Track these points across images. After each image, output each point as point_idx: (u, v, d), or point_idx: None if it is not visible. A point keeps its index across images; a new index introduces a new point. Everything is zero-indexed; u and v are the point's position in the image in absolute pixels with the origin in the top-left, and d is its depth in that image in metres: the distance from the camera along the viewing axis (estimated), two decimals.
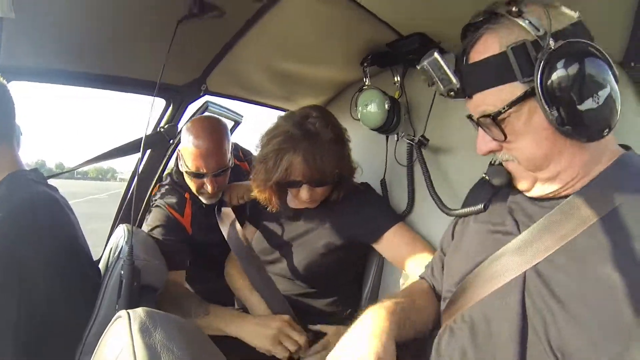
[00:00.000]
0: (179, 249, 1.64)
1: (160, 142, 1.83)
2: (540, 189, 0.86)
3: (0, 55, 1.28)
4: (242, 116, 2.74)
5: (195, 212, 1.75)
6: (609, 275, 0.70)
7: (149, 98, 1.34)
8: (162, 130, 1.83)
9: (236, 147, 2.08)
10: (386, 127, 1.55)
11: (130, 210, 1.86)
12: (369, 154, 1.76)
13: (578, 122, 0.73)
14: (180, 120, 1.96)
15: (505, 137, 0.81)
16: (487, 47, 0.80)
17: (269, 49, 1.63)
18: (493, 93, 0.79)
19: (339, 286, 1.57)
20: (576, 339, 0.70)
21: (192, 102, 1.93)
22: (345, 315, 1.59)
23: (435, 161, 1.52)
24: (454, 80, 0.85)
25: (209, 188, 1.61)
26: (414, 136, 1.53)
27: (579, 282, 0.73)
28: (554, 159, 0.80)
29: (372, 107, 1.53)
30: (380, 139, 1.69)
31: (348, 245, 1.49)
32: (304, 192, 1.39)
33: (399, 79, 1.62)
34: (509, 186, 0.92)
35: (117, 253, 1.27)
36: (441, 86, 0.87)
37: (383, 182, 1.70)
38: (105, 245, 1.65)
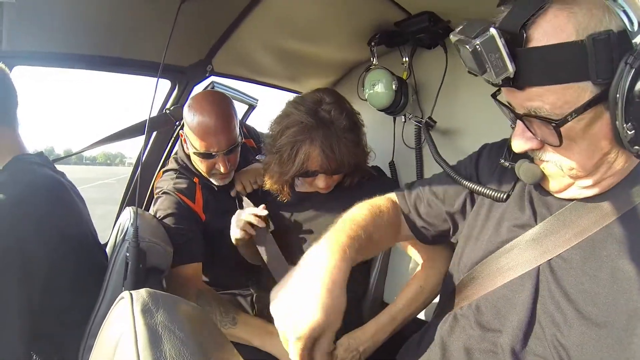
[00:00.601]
0: (192, 239, 1.52)
1: (166, 123, 1.82)
2: (573, 193, 0.77)
3: (3, 40, 1.26)
4: (257, 100, 2.65)
5: (206, 197, 1.64)
6: (626, 271, 0.68)
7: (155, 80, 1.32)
8: (167, 111, 1.82)
9: (240, 124, 2.03)
10: (394, 108, 1.55)
11: (140, 193, 1.87)
12: (377, 136, 1.72)
13: None
14: (186, 101, 1.92)
15: (561, 143, 0.67)
16: (558, 28, 0.61)
17: (274, 28, 1.60)
18: (556, 91, 0.63)
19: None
20: (583, 338, 0.69)
21: (198, 83, 1.90)
22: (352, 300, 1.58)
23: (443, 143, 1.50)
24: (510, 68, 0.62)
25: (221, 168, 1.51)
26: (421, 118, 1.52)
27: (592, 281, 0.70)
28: (601, 169, 0.71)
29: (379, 87, 1.51)
30: (388, 120, 1.68)
31: None
32: (321, 181, 1.35)
33: (407, 59, 1.60)
34: None
35: (122, 235, 1.27)
36: (493, 74, 0.64)
37: (392, 164, 1.69)
38: (113, 228, 1.64)
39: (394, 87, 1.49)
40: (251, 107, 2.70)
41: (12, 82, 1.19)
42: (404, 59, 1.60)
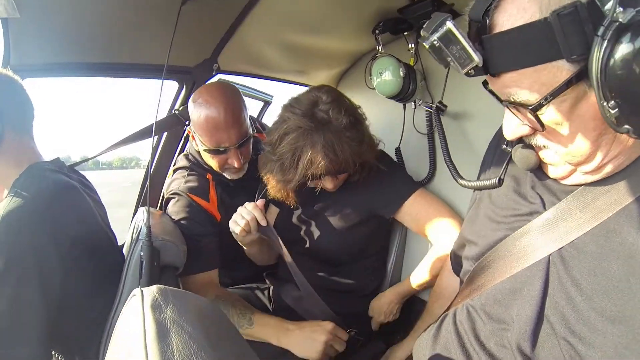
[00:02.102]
0: (206, 245, 1.48)
1: (176, 124, 1.83)
2: (577, 179, 0.73)
3: (11, 54, 1.28)
4: (272, 96, 2.59)
5: (220, 194, 1.59)
6: None
7: (164, 82, 1.31)
8: (176, 112, 1.82)
9: (252, 118, 1.89)
10: (402, 95, 1.51)
11: (153, 194, 1.88)
12: (387, 124, 1.73)
13: None
14: None
15: (543, 128, 0.65)
16: (521, 8, 0.58)
17: (278, 22, 1.59)
18: (529, 74, 0.61)
19: (363, 260, 1.54)
20: (596, 335, 0.65)
21: (205, 82, 1.89)
22: (371, 292, 1.59)
23: (455, 128, 1.49)
24: (475, 58, 0.61)
25: (234, 163, 1.45)
26: (431, 103, 1.49)
27: (606, 272, 0.66)
28: (600, 151, 0.66)
29: (386, 74, 1.48)
30: (398, 107, 1.65)
31: (369, 219, 1.44)
32: (328, 183, 1.33)
33: (413, 45, 1.56)
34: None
35: (137, 235, 1.28)
36: (459, 66, 0.64)
37: (398, 151, 1.68)
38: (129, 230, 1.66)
39: (401, 73, 1.46)
40: (266, 104, 2.65)
41: (28, 94, 1.21)
42: (409, 46, 1.56)
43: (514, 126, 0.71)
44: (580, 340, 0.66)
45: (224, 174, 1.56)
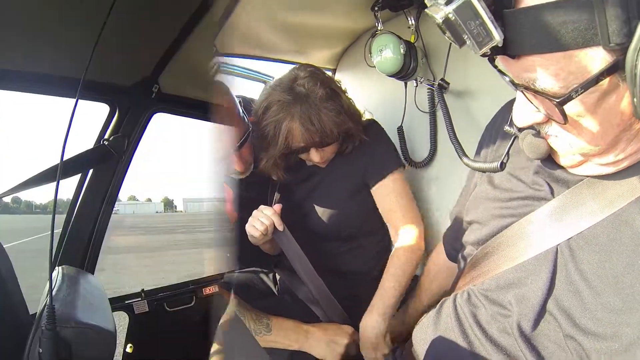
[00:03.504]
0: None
1: (103, 159, 1.47)
2: (590, 170, 0.69)
3: None
4: (273, 77, 2.46)
5: (235, 193, 1.60)
6: None
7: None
8: (105, 143, 1.48)
9: (246, 99, 1.75)
10: (403, 73, 1.50)
11: (74, 250, 1.51)
12: (389, 103, 1.75)
13: None
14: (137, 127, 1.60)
15: (566, 121, 0.58)
16: None
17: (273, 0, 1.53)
18: (557, 59, 0.52)
19: (367, 238, 1.56)
20: (604, 330, 0.63)
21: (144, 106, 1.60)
22: (378, 274, 1.52)
23: (458, 105, 1.47)
24: (496, 36, 0.52)
25: (236, 166, 1.47)
26: (433, 81, 1.52)
27: (616, 266, 0.63)
28: (618, 147, 0.62)
29: (387, 52, 1.46)
30: (399, 85, 1.65)
31: (363, 188, 1.47)
32: (314, 155, 1.37)
33: (413, 22, 1.54)
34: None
35: (39, 316, 0.79)
36: (476, 46, 0.54)
37: (400, 130, 1.69)
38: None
39: (402, 51, 1.44)
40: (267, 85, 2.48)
41: None
42: (410, 22, 1.53)
43: (527, 113, 0.66)
44: (585, 334, 0.65)
45: (232, 176, 1.55)
